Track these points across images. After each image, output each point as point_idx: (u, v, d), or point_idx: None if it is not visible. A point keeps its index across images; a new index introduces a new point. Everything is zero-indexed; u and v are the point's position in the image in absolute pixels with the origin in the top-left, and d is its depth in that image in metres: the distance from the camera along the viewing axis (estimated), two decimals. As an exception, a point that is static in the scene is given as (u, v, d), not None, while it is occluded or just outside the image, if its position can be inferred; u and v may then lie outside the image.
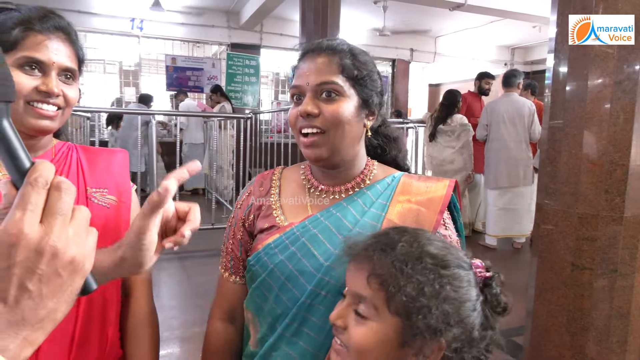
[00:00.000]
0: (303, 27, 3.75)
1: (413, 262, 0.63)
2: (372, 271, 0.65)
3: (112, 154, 1.02)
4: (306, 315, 0.80)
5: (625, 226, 1.28)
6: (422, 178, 0.90)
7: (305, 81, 0.82)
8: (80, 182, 0.92)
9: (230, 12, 7.48)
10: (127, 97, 7.81)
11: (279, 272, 0.82)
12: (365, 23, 8.01)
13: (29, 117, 0.82)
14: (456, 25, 8.31)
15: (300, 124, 0.83)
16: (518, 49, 10.19)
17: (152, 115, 4.63)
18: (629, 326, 1.31)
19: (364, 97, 0.84)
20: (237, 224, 0.95)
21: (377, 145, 0.96)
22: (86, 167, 0.95)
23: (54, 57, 0.83)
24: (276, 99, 8.52)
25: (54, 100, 0.83)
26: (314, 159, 0.84)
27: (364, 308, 0.65)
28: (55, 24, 0.84)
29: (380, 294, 0.64)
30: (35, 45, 0.81)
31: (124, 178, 0.99)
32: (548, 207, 1.41)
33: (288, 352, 0.82)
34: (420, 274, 0.62)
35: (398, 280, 0.62)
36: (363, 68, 0.83)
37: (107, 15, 6.70)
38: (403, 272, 0.63)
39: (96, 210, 0.91)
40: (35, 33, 0.82)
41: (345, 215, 0.84)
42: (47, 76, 0.83)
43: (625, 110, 1.26)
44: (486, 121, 4.21)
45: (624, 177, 1.26)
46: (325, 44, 0.84)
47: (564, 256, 1.36)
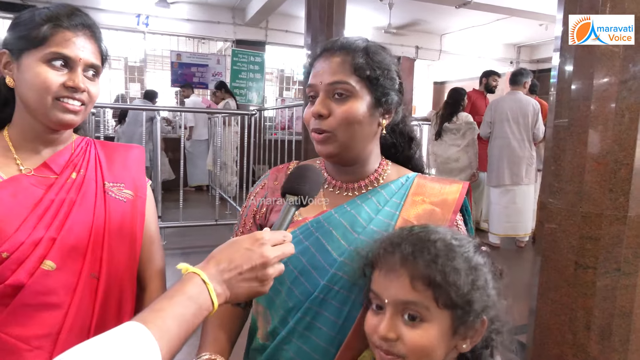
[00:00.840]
0: (308, 24, 3.75)
1: (445, 254, 0.66)
2: (413, 274, 0.66)
3: (128, 149, 1.04)
4: (319, 309, 0.81)
5: (629, 225, 1.28)
6: (435, 179, 0.91)
7: (319, 80, 0.82)
8: (98, 177, 0.95)
9: (235, 9, 7.48)
10: (132, 93, 7.83)
11: (292, 266, 0.82)
12: (370, 20, 7.99)
13: (56, 111, 0.84)
14: (462, 22, 8.27)
15: (312, 125, 0.83)
16: (524, 47, 10.13)
17: (157, 112, 4.64)
18: (631, 325, 1.31)
19: (377, 96, 0.82)
20: (249, 215, 0.96)
21: (391, 144, 0.96)
22: (104, 161, 0.97)
23: (80, 53, 0.85)
24: (281, 96, 8.52)
25: (79, 95, 0.86)
26: (326, 155, 0.85)
27: (415, 312, 0.66)
28: (82, 22, 0.87)
29: (427, 293, 0.65)
30: (63, 42, 0.84)
31: (140, 173, 1.02)
32: (552, 205, 1.41)
33: (300, 346, 0.82)
34: (454, 262, 0.66)
35: (440, 275, 0.65)
36: (377, 67, 0.82)
37: (113, 11, 6.71)
38: (442, 265, 0.65)
39: (113, 204, 0.93)
40: (64, 30, 0.84)
41: (360, 212, 0.85)
42: (73, 72, 0.85)
43: (630, 109, 1.25)
44: (490, 119, 4.21)
45: (629, 176, 1.26)
46: (340, 42, 0.84)
47: (567, 255, 1.36)
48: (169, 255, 1.11)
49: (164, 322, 0.56)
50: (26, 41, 0.83)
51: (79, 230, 0.87)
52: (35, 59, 0.83)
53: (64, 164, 0.92)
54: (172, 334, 0.56)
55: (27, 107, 0.86)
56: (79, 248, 0.86)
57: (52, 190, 0.88)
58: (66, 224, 0.86)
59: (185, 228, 4.33)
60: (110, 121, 7.26)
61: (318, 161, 0.97)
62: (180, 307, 0.58)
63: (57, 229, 0.85)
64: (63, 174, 0.91)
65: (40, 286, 0.81)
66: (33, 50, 0.83)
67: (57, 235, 0.84)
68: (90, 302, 0.86)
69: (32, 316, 0.81)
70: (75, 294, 0.84)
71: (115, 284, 0.90)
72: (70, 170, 0.92)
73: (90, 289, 0.86)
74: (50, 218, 0.85)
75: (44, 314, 0.82)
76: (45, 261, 0.82)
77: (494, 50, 9.88)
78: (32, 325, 0.81)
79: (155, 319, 0.56)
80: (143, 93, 6.96)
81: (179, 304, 0.59)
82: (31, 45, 0.83)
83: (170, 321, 0.57)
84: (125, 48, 7.72)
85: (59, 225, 0.85)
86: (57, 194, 0.88)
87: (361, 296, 0.79)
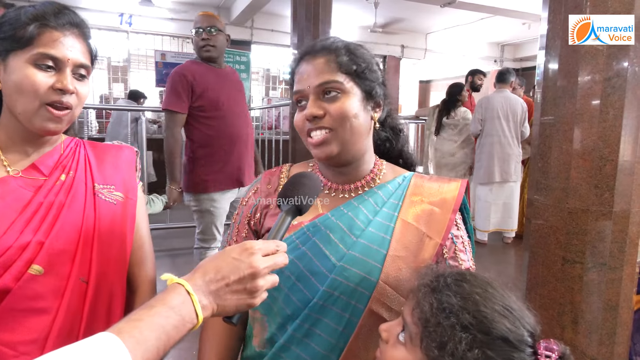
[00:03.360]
0: (294, 23, 3.74)
1: (455, 314, 0.61)
2: (417, 304, 0.66)
3: (119, 150, 1.01)
4: (318, 316, 0.79)
5: (614, 220, 1.30)
6: (432, 178, 0.90)
7: (306, 84, 0.81)
8: (87, 178, 0.92)
9: (220, 8, 7.42)
10: (116, 94, 7.72)
11: (289, 272, 0.80)
12: (356, 19, 8.01)
13: (40, 118, 0.82)
14: (447, 21, 8.34)
15: (308, 127, 0.82)
16: (508, 45, 10.27)
17: (142, 112, 4.59)
18: (617, 318, 1.34)
19: (366, 89, 0.83)
20: (242, 221, 0.94)
21: (385, 138, 0.96)
22: (94, 163, 0.95)
23: (69, 53, 0.82)
24: (267, 96, 8.48)
25: (67, 98, 0.83)
26: (325, 158, 0.83)
27: (403, 334, 0.67)
28: (70, 20, 0.84)
29: (417, 327, 0.65)
30: (51, 42, 0.81)
31: (131, 175, 0.99)
32: (539, 202, 1.43)
33: (298, 354, 0.80)
34: (454, 327, 0.60)
35: (434, 324, 0.62)
36: (361, 61, 0.83)
37: (96, 10, 6.61)
38: (441, 319, 0.61)
39: (103, 206, 0.91)
40: (51, 29, 0.81)
41: (357, 214, 0.84)
42: (62, 73, 0.82)
43: (614, 106, 1.27)
44: (481, 116, 4.25)
45: (613, 172, 1.28)
46: (320, 44, 0.84)
47: (554, 250, 1.38)
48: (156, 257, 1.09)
49: (141, 333, 0.53)
50: (12, 42, 0.80)
51: (68, 234, 0.85)
52: (22, 60, 0.80)
53: (53, 165, 0.90)
54: (149, 345, 0.53)
55: (13, 110, 0.83)
56: (68, 252, 0.84)
57: (41, 192, 0.86)
58: (55, 227, 0.84)
59: (172, 230, 4.29)
60: (94, 122, 7.14)
61: (311, 164, 0.96)
62: (160, 318, 0.55)
63: (46, 233, 0.82)
64: (52, 175, 0.89)
65: (28, 291, 0.79)
66: (19, 52, 0.80)
67: (45, 239, 0.82)
68: (79, 307, 0.84)
69: (19, 321, 0.79)
70: (63, 298, 0.82)
71: (104, 288, 0.88)
72: (59, 171, 0.90)
73: (79, 293, 0.85)
74: (38, 221, 0.83)
75: (31, 319, 0.80)
76: (33, 265, 0.80)
77: (479, 48, 9.99)
78: (19, 331, 0.79)
79: (131, 329, 0.53)
80: (127, 93, 6.87)
81: (159, 315, 0.55)
82: (17, 46, 0.80)
83: (147, 332, 0.53)
84: (108, 48, 7.60)
85: (47, 228, 0.83)
86: (45, 196, 0.86)
87: (362, 301, 0.78)
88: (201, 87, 2.27)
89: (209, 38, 2.32)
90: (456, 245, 0.83)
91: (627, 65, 1.26)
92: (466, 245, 0.85)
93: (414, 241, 0.81)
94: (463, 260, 0.83)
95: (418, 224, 0.82)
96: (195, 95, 2.26)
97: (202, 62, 2.38)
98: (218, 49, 2.35)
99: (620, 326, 1.35)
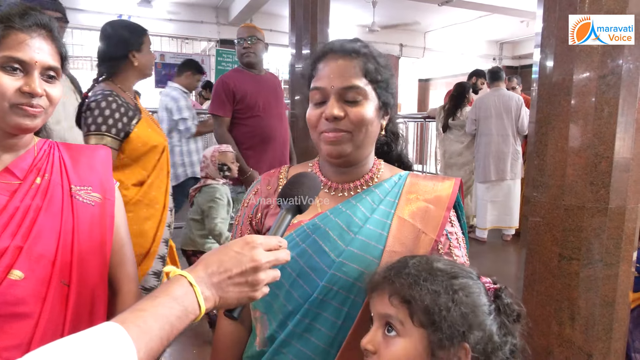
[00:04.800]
0: (292, 23, 3.74)
1: (426, 276, 0.70)
2: (392, 291, 0.70)
3: (94, 150, 1.00)
4: (318, 311, 0.81)
5: (610, 217, 1.31)
6: (427, 177, 0.93)
7: (330, 84, 0.82)
8: (63, 180, 0.90)
9: (219, 8, 7.43)
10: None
11: (290, 269, 0.82)
12: (354, 18, 8.01)
13: (14, 115, 0.80)
14: (445, 20, 8.34)
15: (324, 127, 0.83)
16: (506, 43, 10.27)
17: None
18: (613, 314, 1.35)
19: (384, 99, 0.86)
20: (245, 222, 0.96)
21: (384, 141, 0.98)
22: (69, 164, 0.93)
23: (36, 56, 0.80)
24: (266, 95, 8.47)
25: (37, 101, 0.81)
26: (336, 155, 0.84)
27: (388, 331, 0.70)
28: (37, 21, 0.82)
29: (402, 309, 0.69)
30: (16, 45, 0.79)
31: (108, 175, 0.98)
32: (535, 199, 1.44)
33: (299, 349, 0.82)
34: (434, 284, 0.69)
35: (416, 293, 0.68)
36: (384, 72, 0.86)
37: (94, 11, 6.63)
38: (419, 285, 0.68)
39: (81, 208, 0.89)
40: (16, 31, 0.79)
41: (355, 212, 0.86)
42: (29, 76, 0.80)
43: (609, 103, 1.28)
44: (475, 116, 4.28)
45: (609, 169, 1.29)
46: (349, 46, 0.85)
47: (551, 247, 1.39)
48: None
49: (145, 323, 0.54)
50: None
51: (47, 237, 0.83)
52: None
53: (27, 168, 0.88)
54: (152, 335, 0.54)
55: None
56: (48, 255, 0.82)
57: (17, 196, 0.83)
58: (33, 231, 0.82)
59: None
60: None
61: (310, 164, 0.97)
62: (163, 308, 0.56)
63: (24, 237, 0.81)
64: (27, 179, 0.86)
65: (9, 296, 0.78)
66: None
67: (23, 244, 0.80)
68: (62, 310, 0.83)
69: (1, 327, 0.78)
70: (45, 302, 0.81)
71: (86, 290, 0.87)
72: (34, 175, 0.88)
73: (60, 297, 0.83)
74: (15, 226, 0.81)
75: (13, 324, 0.79)
76: (13, 271, 0.78)
77: (477, 47, 9.99)
78: (1, 337, 0.77)
79: (135, 318, 0.54)
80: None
81: (162, 305, 0.57)
82: None
83: (151, 322, 0.55)
84: (107, 49, 7.60)
85: (25, 232, 0.81)
86: (21, 200, 0.83)
87: (360, 295, 0.80)
88: (241, 92, 2.64)
89: (249, 47, 2.69)
90: (450, 241, 0.85)
91: (621, 63, 1.27)
92: (460, 242, 0.88)
93: (410, 237, 0.83)
94: (457, 256, 0.85)
95: (414, 220, 0.84)
96: (236, 100, 2.64)
97: (243, 69, 2.74)
98: (257, 55, 2.72)
99: (617, 322, 1.36)
